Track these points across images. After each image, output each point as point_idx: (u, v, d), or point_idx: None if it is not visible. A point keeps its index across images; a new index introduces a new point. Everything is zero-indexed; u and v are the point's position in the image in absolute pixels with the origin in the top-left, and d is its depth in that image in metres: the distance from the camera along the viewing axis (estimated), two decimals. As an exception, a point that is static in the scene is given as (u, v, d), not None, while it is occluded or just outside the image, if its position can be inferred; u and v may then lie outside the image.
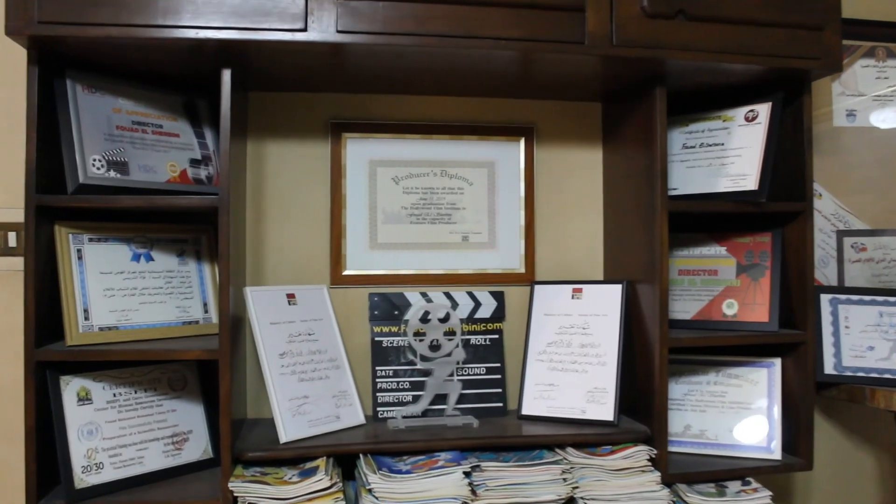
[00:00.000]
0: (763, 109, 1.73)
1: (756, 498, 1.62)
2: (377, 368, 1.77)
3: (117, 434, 1.51)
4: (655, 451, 1.61)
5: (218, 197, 1.46)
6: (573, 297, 1.80)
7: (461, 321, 1.81)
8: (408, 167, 1.87)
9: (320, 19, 1.39)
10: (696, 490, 1.63)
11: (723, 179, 1.73)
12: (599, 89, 1.84)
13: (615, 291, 1.76)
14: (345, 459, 1.59)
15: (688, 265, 1.87)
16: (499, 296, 1.88)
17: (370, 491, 1.45)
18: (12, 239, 1.70)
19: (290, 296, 1.69)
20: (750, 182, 1.69)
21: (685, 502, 1.60)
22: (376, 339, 1.79)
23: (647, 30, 1.51)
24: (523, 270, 1.91)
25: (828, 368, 1.85)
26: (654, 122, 1.63)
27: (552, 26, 1.48)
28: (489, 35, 1.45)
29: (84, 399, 1.48)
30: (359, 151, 1.85)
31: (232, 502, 1.43)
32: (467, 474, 1.50)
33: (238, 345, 1.63)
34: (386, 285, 1.85)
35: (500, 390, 1.82)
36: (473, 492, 1.49)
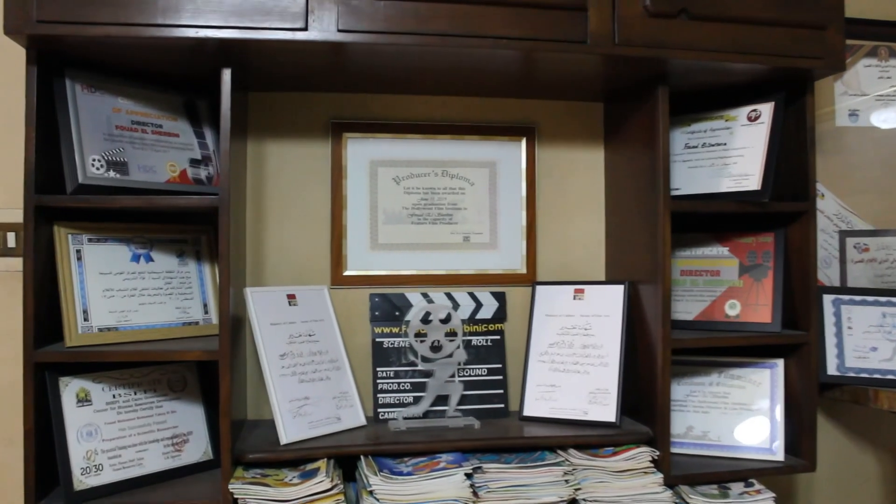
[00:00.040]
0: (766, 109, 1.72)
1: (759, 500, 1.61)
2: (378, 369, 1.77)
3: (117, 435, 1.50)
4: (658, 453, 1.61)
5: (218, 197, 1.45)
6: (575, 298, 1.80)
7: (462, 322, 1.80)
8: (409, 167, 1.86)
9: (321, 18, 1.39)
10: (699, 492, 1.62)
11: (725, 179, 1.73)
12: (601, 89, 1.83)
13: (617, 292, 1.75)
14: (346, 461, 1.58)
15: (690, 265, 1.86)
16: (500, 296, 1.87)
17: (371, 493, 1.44)
18: (11, 239, 1.69)
19: (291, 296, 1.69)
20: (753, 182, 1.68)
21: (688, 504, 1.60)
22: (377, 340, 1.79)
23: (650, 29, 1.51)
24: (525, 271, 1.90)
25: (830, 369, 1.85)
26: (657, 122, 1.62)
27: (554, 25, 1.47)
28: (491, 34, 1.44)
29: (83, 400, 1.48)
30: (360, 151, 1.84)
31: (232, 504, 1.43)
32: (469, 476, 1.49)
33: (238, 346, 1.62)
34: (387, 286, 1.84)
35: (502, 391, 1.81)
36: (475, 493, 1.48)
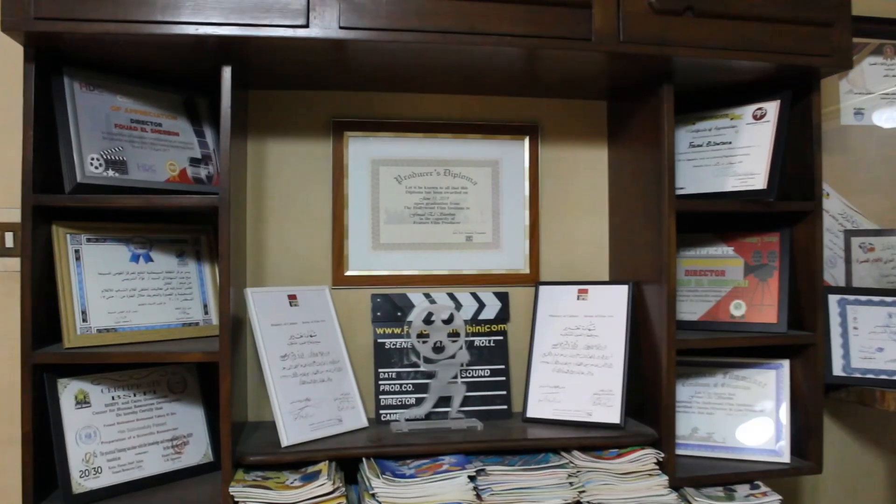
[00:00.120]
0: (771, 107, 1.71)
1: (765, 502, 1.60)
2: (380, 370, 1.75)
3: (116, 438, 1.49)
4: (663, 455, 1.59)
5: (218, 196, 1.44)
6: (579, 298, 1.78)
7: (465, 322, 1.79)
8: (411, 166, 1.85)
9: (322, 15, 1.37)
10: (705, 494, 1.61)
11: (730, 178, 1.71)
12: (605, 87, 1.82)
13: (621, 292, 1.73)
14: (347, 463, 1.56)
15: (695, 265, 1.84)
16: (503, 297, 1.86)
17: (373, 495, 1.43)
18: (9, 239, 1.67)
19: (292, 297, 1.67)
20: (758, 181, 1.67)
21: (693, 506, 1.58)
22: (379, 341, 1.77)
23: (655, 26, 1.49)
24: (528, 271, 1.89)
25: (836, 370, 1.83)
26: (662, 121, 1.61)
27: (558, 23, 1.45)
28: (494, 31, 1.43)
29: (82, 402, 1.46)
30: (361, 150, 1.82)
31: (233, 507, 1.41)
32: (472, 478, 1.48)
33: (239, 347, 1.61)
34: (389, 286, 1.82)
35: (505, 392, 1.79)
36: (478, 496, 1.47)
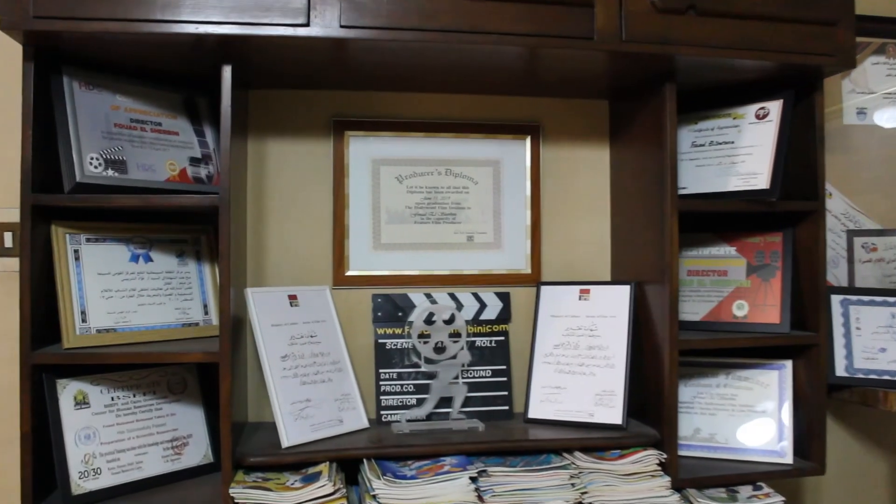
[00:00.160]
0: (774, 107, 1.70)
1: (768, 503, 1.59)
2: (381, 371, 1.74)
3: (115, 438, 1.48)
4: (665, 456, 1.59)
5: (218, 196, 1.43)
6: (580, 298, 1.77)
7: (466, 323, 1.78)
8: (412, 166, 1.84)
9: (323, 14, 1.36)
10: (707, 495, 1.60)
11: (733, 178, 1.70)
12: (607, 86, 1.81)
13: (623, 292, 1.73)
14: (348, 464, 1.55)
15: (697, 265, 1.83)
16: (504, 297, 1.85)
17: (374, 497, 1.42)
18: (8, 239, 1.67)
19: (292, 297, 1.66)
20: (761, 181, 1.66)
21: (696, 508, 1.58)
22: (380, 342, 1.76)
23: (658, 25, 1.49)
24: (529, 271, 1.88)
25: (839, 370, 1.83)
26: (664, 120, 1.60)
27: (560, 21, 1.45)
28: (495, 30, 1.42)
29: (81, 403, 1.46)
30: (362, 150, 1.81)
31: (233, 509, 1.40)
32: (474, 479, 1.47)
33: (239, 347, 1.60)
34: (389, 286, 1.82)
35: (506, 393, 1.78)
36: (480, 498, 1.46)
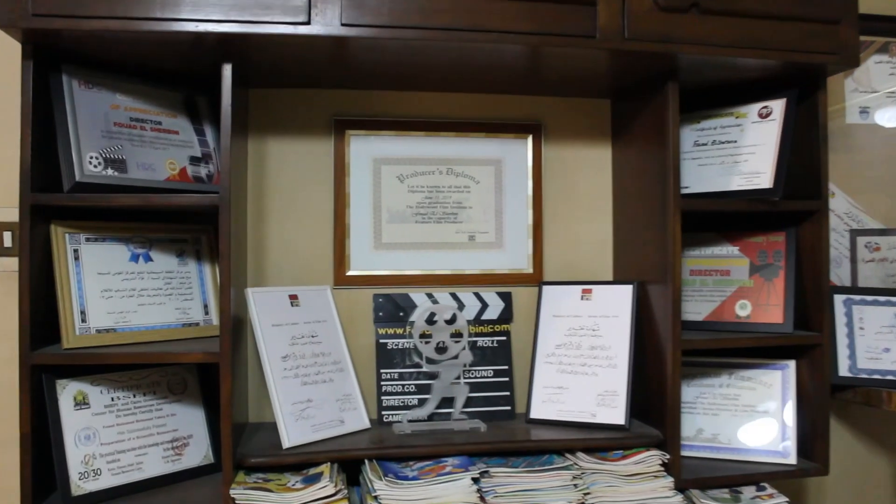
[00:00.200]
0: (777, 106, 1.69)
1: (772, 504, 1.58)
2: (382, 371, 1.74)
3: (115, 439, 1.48)
4: (668, 456, 1.58)
5: (218, 195, 1.42)
6: (582, 298, 1.76)
7: (468, 323, 1.77)
8: (413, 165, 1.83)
9: (324, 12, 1.36)
10: (710, 496, 1.59)
11: (736, 177, 1.69)
12: (609, 85, 1.80)
13: (626, 292, 1.72)
14: (349, 465, 1.55)
15: (699, 265, 1.83)
16: (506, 297, 1.84)
17: (376, 498, 1.41)
18: (7, 239, 1.66)
19: (293, 297, 1.65)
20: (764, 180, 1.65)
21: (699, 509, 1.57)
22: (381, 342, 1.76)
23: (660, 23, 1.48)
24: (531, 271, 1.87)
25: (842, 371, 1.82)
26: (667, 119, 1.59)
27: (562, 19, 1.44)
28: (497, 28, 1.42)
29: (81, 403, 1.45)
30: (363, 149, 1.81)
31: (233, 510, 1.40)
32: (476, 480, 1.47)
33: (239, 347, 1.59)
34: (391, 286, 1.81)
35: (508, 393, 1.78)
36: (482, 499, 1.45)
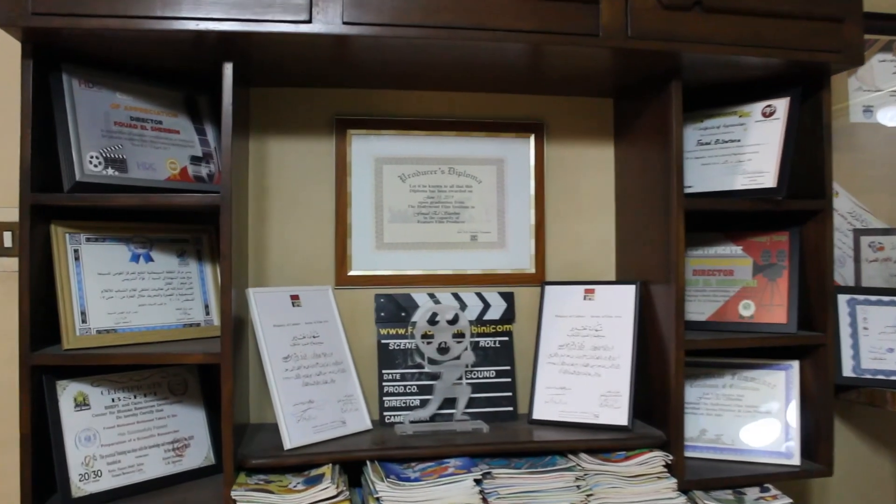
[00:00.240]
0: (781, 105, 1.68)
1: (776, 505, 1.58)
2: (384, 372, 1.73)
3: (116, 440, 1.47)
4: (671, 457, 1.57)
5: (219, 195, 1.42)
6: (585, 298, 1.76)
7: (470, 323, 1.76)
8: (415, 164, 1.82)
9: (325, 10, 1.35)
10: (714, 497, 1.59)
11: (739, 177, 1.69)
12: (612, 84, 1.79)
13: (629, 292, 1.71)
14: (351, 466, 1.54)
15: (702, 265, 1.82)
16: (508, 297, 1.83)
17: (378, 499, 1.40)
18: (7, 239, 1.65)
19: (294, 297, 1.65)
20: (768, 179, 1.64)
21: (702, 510, 1.56)
22: (383, 342, 1.75)
23: (664, 22, 1.47)
24: (533, 271, 1.86)
25: (846, 371, 1.81)
26: (670, 118, 1.58)
27: (565, 18, 1.43)
28: (500, 27, 1.41)
29: (81, 404, 1.44)
30: (364, 148, 1.80)
31: (235, 511, 1.39)
32: (478, 482, 1.46)
33: (240, 348, 1.58)
34: (392, 286, 1.80)
35: (511, 394, 1.77)
36: (485, 500, 1.44)
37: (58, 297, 1.42)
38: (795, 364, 1.72)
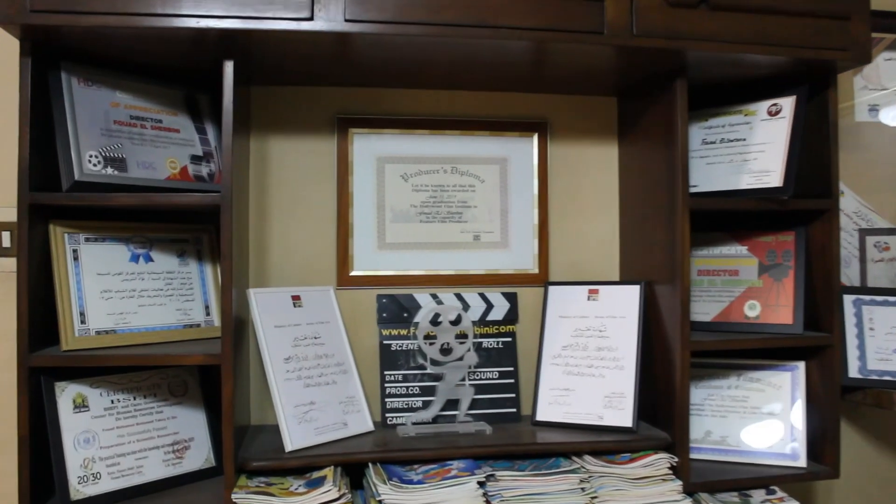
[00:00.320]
0: (787, 103, 1.66)
1: (782, 508, 1.56)
2: (386, 373, 1.71)
3: (115, 442, 1.46)
4: (676, 459, 1.55)
5: (220, 195, 1.40)
6: (589, 299, 1.74)
7: (473, 323, 1.75)
8: (417, 164, 1.81)
9: (327, 7, 1.33)
10: (719, 499, 1.58)
11: (745, 176, 1.67)
12: (616, 83, 1.78)
13: (633, 292, 1.69)
14: (353, 468, 1.53)
15: (707, 265, 1.80)
16: (511, 297, 1.82)
17: (380, 502, 1.39)
18: (6, 239, 1.64)
19: (296, 297, 1.63)
20: (774, 178, 1.62)
21: (708, 513, 1.55)
22: (385, 343, 1.73)
23: (669, 19, 1.46)
24: (537, 271, 1.85)
25: (852, 372, 1.79)
26: (675, 117, 1.57)
27: (570, 15, 1.42)
28: (504, 24, 1.39)
29: (80, 406, 1.43)
30: (366, 147, 1.78)
31: (235, 514, 1.37)
32: (481, 484, 1.44)
33: (241, 349, 1.57)
34: (395, 286, 1.79)
35: (514, 395, 1.75)
36: (488, 503, 1.43)
37: (56, 298, 1.40)
38: (801, 365, 1.70)
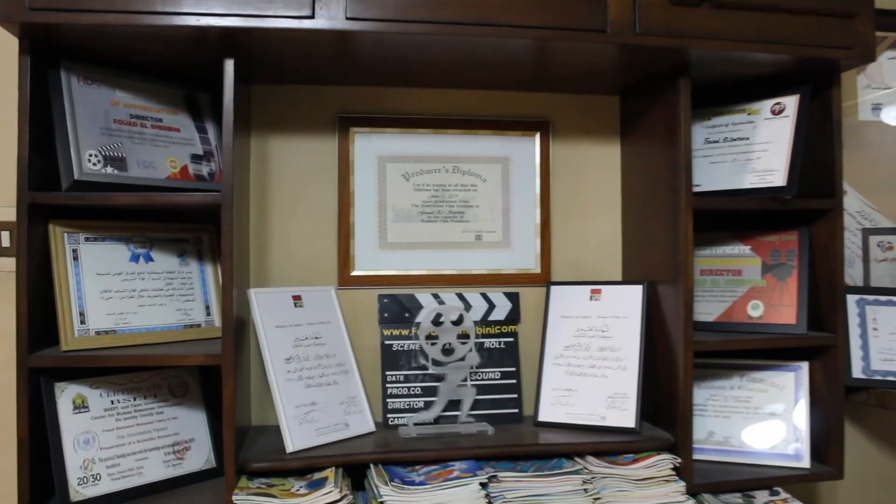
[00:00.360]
0: (790, 102, 1.66)
1: (786, 509, 1.55)
2: (387, 373, 1.71)
3: (115, 443, 1.45)
4: (680, 460, 1.55)
5: (220, 194, 1.39)
6: (591, 299, 1.73)
7: (475, 323, 1.74)
8: (419, 163, 1.80)
9: (328, 5, 1.33)
10: (723, 500, 1.57)
11: (748, 175, 1.66)
12: (618, 81, 1.77)
13: (636, 292, 1.69)
14: (354, 469, 1.52)
15: (710, 265, 1.79)
16: (513, 297, 1.81)
17: (382, 503, 1.38)
18: (5, 238, 1.63)
19: (297, 297, 1.62)
20: (778, 178, 1.62)
21: (711, 514, 1.54)
22: (386, 343, 1.73)
23: (672, 18, 1.45)
24: (539, 270, 1.84)
25: (856, 372, 1.78)
26: (678, 116, 1.56)
27: (572, 13, 1.41)
28: (506, 22, 1.39)
29: (80, 407, 1.42)
30: (367, 147, 1.78)
31: (236, 516, 1.37)
32: (483, 485, 1.43)
33: (242, 349, 1.56)
34: (396, 286, 1.78)
35: (516, 396, 1.75)
36: (490, 504, 1.42)
37: (56, 298, 1.40)
38: (805, 365, 1.69)
